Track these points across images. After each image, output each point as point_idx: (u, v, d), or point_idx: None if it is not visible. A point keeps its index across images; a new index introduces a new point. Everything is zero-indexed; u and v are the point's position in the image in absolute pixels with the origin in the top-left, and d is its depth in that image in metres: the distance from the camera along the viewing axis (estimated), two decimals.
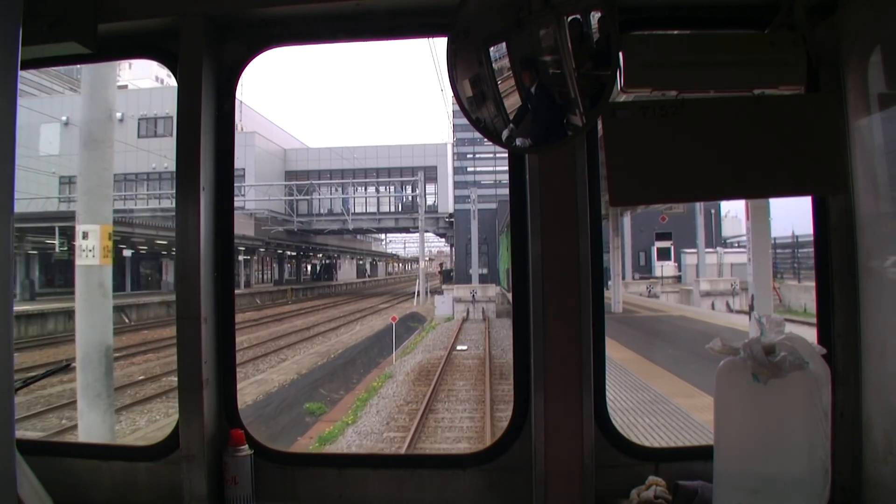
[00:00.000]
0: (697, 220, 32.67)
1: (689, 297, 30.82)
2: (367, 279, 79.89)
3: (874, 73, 2.09)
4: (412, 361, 19.26)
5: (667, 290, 34.15)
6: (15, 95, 1.51)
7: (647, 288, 34.07)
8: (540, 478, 2.20)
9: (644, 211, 28.54)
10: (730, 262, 36.03)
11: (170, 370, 15.73)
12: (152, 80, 43.68)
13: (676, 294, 33.40)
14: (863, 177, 2.12)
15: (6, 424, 1.45)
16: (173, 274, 37.58)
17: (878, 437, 2.09)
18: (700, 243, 32.87)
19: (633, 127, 2.02)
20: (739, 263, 35.14)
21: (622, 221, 31.44)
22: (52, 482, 2.08)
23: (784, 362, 1.81)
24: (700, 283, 30.70)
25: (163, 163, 42.79)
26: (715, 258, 36.30)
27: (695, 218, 32.84)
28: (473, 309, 31.75)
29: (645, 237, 39.25)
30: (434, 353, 20.84)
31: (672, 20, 2.29)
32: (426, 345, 23.11)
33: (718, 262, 36.37)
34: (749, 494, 1.89)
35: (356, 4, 2.24)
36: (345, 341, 23.46)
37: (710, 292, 29.92)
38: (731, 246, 41.45)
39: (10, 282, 1.52)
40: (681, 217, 33.95)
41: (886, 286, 2.09)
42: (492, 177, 45.70)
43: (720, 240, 40.65)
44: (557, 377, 2.18)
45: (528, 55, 1.95)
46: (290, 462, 2.43)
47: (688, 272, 35.56)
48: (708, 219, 34.81)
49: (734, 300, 29.07)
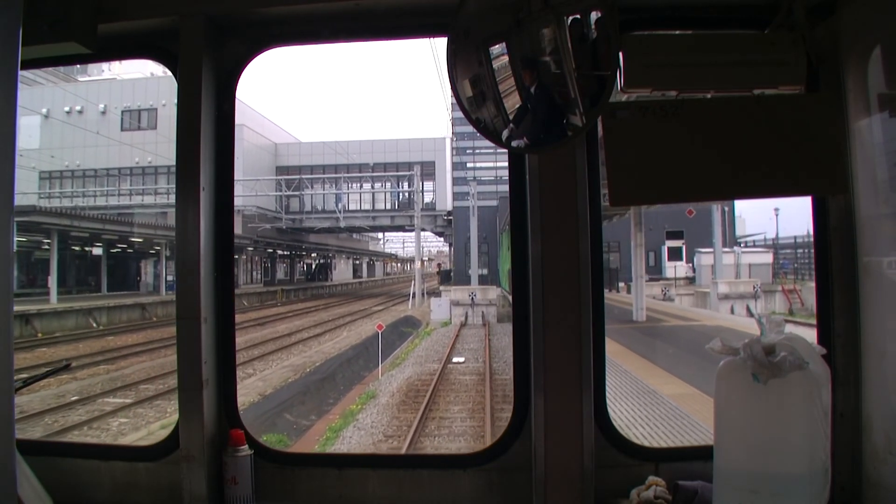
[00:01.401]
0: (714, 218, 31.79)
1: (706, 300, 29.55)
2: (363, 280, 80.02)
3: (874, 73, 2.18)
4: (401, 377, 17.61)
5: (680, 293, 33.18)
6: (15, 95, 1.60)
7: (662, 290, 33.02)
8: (540, 478, 2.29)
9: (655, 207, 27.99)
10: (748, 263, 35.25)
11: (121, 385, 15.14)
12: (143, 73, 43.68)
13: (691, 297, 32.44)
14: (863, 177, 2.22)
15: (6, 424, 1.54)
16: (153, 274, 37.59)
17: (878, 437, 2.19)
18: (717, 242, 31.98)
19: (633, 127, 2.11)
20: (758, 264, 34.44)
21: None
22: (52, 482, 2.19)
23: (784, 362, 1.88)
24: (718, 284, 29.35)
25: (146, 157, 42.76)
26: (732, 258, 35.20)
27: (710, 215, 31.95)
28: (472, 313, 31.01)
29: (654, 236, 38.07)
30: (426, 366, 19.17)
31: (672, 20, 2.39)
32: (418, 355, 21.42)
33: (736, 262, 35.30)
34: (749, 494, 1.95)
35: (356, 4, 2.34)
36: (326, 351, 21.66)
37: (729, 295, 28.51)
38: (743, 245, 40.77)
39: (11, 282, 1.61)
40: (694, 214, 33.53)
41: (886, 286, 2.18)
42: (492, 173, 45.52)
43: (733, 239, 39.79)
44: (557, 377, 2.27)
45: (528, 55, 2.04)
46: (290, 462, 2.53)
47: (703, 273, 34.55)
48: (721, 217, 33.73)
49: (756, 304, 27.74)
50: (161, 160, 42.44)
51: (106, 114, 42.88)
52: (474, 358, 20.48)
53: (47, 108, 39.97)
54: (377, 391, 15.81)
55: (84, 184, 44.15)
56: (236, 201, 21.80)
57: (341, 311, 36.96)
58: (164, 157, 41.59)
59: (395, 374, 18.19)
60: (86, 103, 41.35)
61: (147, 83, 42.43)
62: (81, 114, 41.73)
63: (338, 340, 24.33)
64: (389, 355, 21.30)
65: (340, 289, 62.74)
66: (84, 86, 41.81)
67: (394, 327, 28.64)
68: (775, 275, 35.29)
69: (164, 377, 16.01)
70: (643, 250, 26.04)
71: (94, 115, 42.15)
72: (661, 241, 40.01)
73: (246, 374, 17.23)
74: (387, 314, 35.45)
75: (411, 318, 33.41)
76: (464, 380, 16.97)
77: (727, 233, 37.34)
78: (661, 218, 36.61)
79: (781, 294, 30.21)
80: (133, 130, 42.71)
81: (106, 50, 2.37)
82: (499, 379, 16.29)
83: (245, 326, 25.81)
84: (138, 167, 44.22)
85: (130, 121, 43.58)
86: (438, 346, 22.99)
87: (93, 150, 41.60)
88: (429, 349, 22.62)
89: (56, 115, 40.58)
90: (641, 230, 25.59)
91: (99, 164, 43.32)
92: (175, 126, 2.39)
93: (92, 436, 11.57)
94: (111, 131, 41.73)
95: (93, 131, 39.36)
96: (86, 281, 37.19)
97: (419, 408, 13.56)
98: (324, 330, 27.21)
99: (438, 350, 22.12)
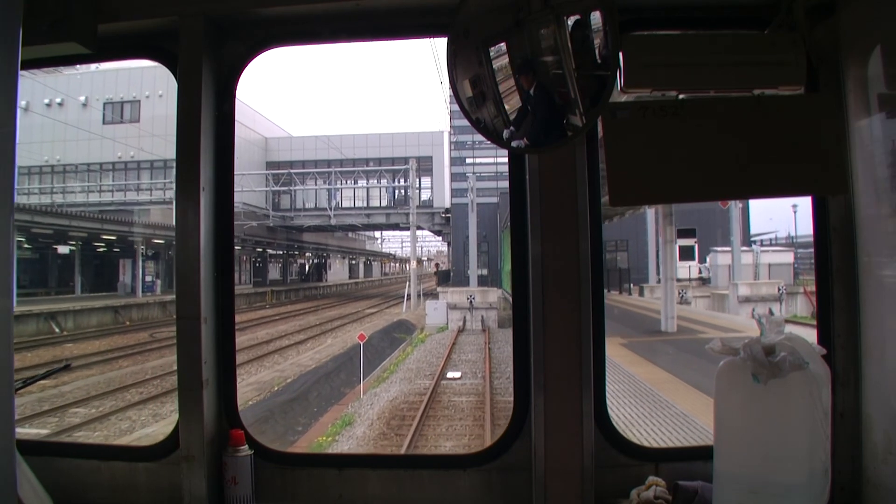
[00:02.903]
0: (732, 214, 30.74)
1: (723, 303, 28.36)
2: (360, 280, 79.84)
3: (874, 73, 2.27)
4: (385, 396, 15.83)
5: (695, 295, 31.74)
6: (15, 95, 1.67)
7: (679, 293, 30.47)
8: (540, 478, 2.40)
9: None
10: (767, 263, 34.55)
11: (49, 408, 13.58)
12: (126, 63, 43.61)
13: (706, 299, 31.25)
14: (863, 177, 2.32)
15: (6, 424, 1.60)
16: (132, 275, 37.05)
17: (878, 438, 2.29)
18: (735, 240, 30.84)
19: (633, 127, 2.21)
20: (779, 264, 33.47)
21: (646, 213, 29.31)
22: (52, 482, 2.30)
23: (784, 362, 1.96)
24: (738, 286, 27.94)
25: (129, 151, 42.71)
26: (750, 258, 34.21)
27: (729, 212, 30.87)
28: (471, 317, 30.38)
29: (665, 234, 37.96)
30: (416, 382, 17.41)
31: (672, 20, 2.50)
32: (408, 368, 19.65)
33: (754, 261, 34.45)
34: (749, 494, 2.05)
35: (356, 4, 2.45)
36: (303, 363, 19.85)
37: (751, 297, 27.07)
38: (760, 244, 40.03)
39: (11, 282, 1.69)
40: (706, 211, 32.78)
41: (886, 286, 2.28)
42: (492, 168, 45.39)
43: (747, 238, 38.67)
44: (557, 377, 2.38)
45: (527, 55, 2.12)
46: (290, 462, 2.65)
47: (718, 274, 33.61)
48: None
49: (781, 307, 27.06)
50: (144, 155, 42.39)
51: (87, 106, 42.87)
52: (472, 372, 18.79)
53: (27, 100, 39.87)
54: (354, 416, 14.25)
55: (64, 179, 44.12)
56: None
57: (331, 314, 36.36)
58: (148, 152, 41.55)
59: (380, 392, 16.54)
60: (66, 96, 41.32)
61: (130, 74, 42.36)
62: (62, 106, 41.70)
63: (319, 350, 22.75)
64: (377, 366, 20.25)
65: (335, 290, 62.55)
66: (65, 77, 41.73)
67: (385, 333, 27.79)
68: (796, 275, 34.77)
69: (112, 395, 14.65)
70: (674, 247, 23.96)
71: (75, 108, 42.11)
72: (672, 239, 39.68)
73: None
74: (379, 318, 34.60)
75: (405, 323, 32.55)
76: (459, 403, 15.15)
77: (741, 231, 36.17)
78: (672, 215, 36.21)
79: (804, 296, 29.43)
80: (116, 124, 42.70)
81: (106, 50, 2.47)
82: (501, 402, 14.61)
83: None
84: (121, 162, 44.21)
85: (113, 114, 43.54)
86: (432, 357, 21.59)
87: (73, 145, 41.56)
88: (421, 360, 21.13)
89: (35, 108, 40.50)
90: (672, 223, 23.79)
91: (80, 159, 43.30)
92: (175, 126, 2.49)
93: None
94: (92, 124, 41.71)
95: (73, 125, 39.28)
96: (60, 281, 36.42)
97: (403, 441, 12.21)
98: (307, 336, 26.03)
99: (432, 361, 20.71)
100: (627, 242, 39.76)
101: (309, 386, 16.94)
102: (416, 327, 31.16)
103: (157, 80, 40.53)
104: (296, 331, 27.61)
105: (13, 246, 1.70)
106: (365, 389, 16.54)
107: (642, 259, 36.85)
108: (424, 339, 26.93)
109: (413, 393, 16.01)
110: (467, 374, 18.38)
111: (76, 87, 41.99)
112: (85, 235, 34.06)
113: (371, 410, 14.59)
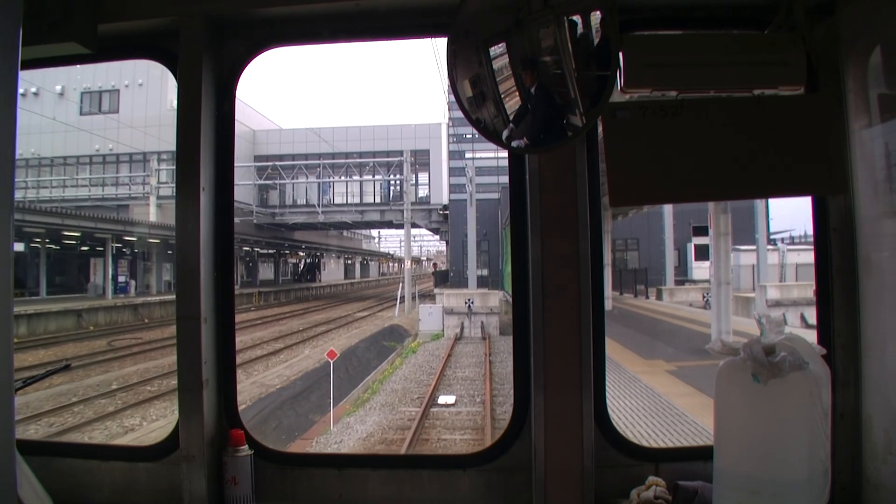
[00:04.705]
0: (757, 209, 30.12)
1: (748, 307, 26.48)
2: (355, 280, 79.90)
3: (874, 73, 2.40)
4: (361, 429, 13.53)
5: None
6: (15, 95, 1.77)
7: (703, 296, 30.22)
8: (540, 478, 2.53)
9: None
10: (794, 263, 33.74)
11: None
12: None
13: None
14: (863, 177, 2.44)
15: (6, 424, 1.67)
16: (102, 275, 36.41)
17: (878, 438, 2.41)
18: (760, 238, 29.99)
19: (633, 127, 2.32)
20: (806, 264, 31.12)
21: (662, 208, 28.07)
22: (52, 482, 2.43)
23: (784, 363, 2.04)
24: (767, 289, 26.59)
25: (107, 144, 42.63)
26: (776, 257, 33.39)
27: (753, 207, 30.11)
28: (470, 323, 29.51)
29: (679, 232, 37.13)
30: (400, 410, 15.06)
31: (672, 20, 2.62)
32: (393, 389, 17.49)
33: (780, 261, 33.81)
34: (749, 495, 2.14)
35: (356, 4, 2.58)
36: (268, 382, 17.69)
37: (781, 301, 25.61)
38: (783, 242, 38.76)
39: (10, 282, 1.78)
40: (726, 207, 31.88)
41: (886, 286, 2.40)
42: (493, 163, 45.46)
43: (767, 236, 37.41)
44: (557, 377, 2.51)
45: (527, 55, 2.24)
46: (290, 462, 2.79)
47: (741, 274, 32.38)
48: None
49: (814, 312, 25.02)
50: (123, 147, 42.28)
51: (63, 95, 42.82)
52: (469, 395, 16.45)
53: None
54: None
55: (39, 173, 44.02)
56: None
57: (318, 317, 35.47)
58: (126, 145, 41.45)
59: (354, 422, 14.18)
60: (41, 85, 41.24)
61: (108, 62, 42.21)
62: (37, 96, 41.64)
63: (291, 363, 20.60)
64: (359, 383, 18.48)
65: (328, 291, 62.42)
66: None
67: (373, 342, 26.69)
68: None
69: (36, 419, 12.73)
70: (728, 241, 20.75)
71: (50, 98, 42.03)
72: (687, 238, 38.90)
73: (126, 428, 12.85)
74: (369, 323, 33.46)
75: (397, 329, 31.46)
76: (451, 443, 12.63)
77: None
78: (686, 212, 35.64)
79: None
80: (94, 114, 42.63)
81: (106, 50, 2.60)
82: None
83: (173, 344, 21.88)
84: (98, 155, 44.12)
85: (90, 104, 43.45)
86: (422, 373, 19.60)
87: (49, 137, 41.47)
88: (409, 378, 19.07)
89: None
90: (727, 211, 20.58)
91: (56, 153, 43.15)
92: (175, 126, 2.62)
93: None
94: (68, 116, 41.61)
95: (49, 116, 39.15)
96: (22, 283, 33.96)
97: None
98: (282, 346, 24.13)
99: (422, 379, 18.76)
100: (638, 241, 39.38)
101: (267, 414, 14.93)
102: (409, 333, 30.20)
103: (137, 67, 40.45)
104: (272, 338, 26.05)
105: (13, 246, 1.79)
106: (337, 417, 14.53)
107: (657, 258, 36.50)
108: (416, 348, 25.50)
109: (395, 425, 13.83)
110: (463, 397, 16.36)
111: (52, 75, 41.85)
112: (44, 232, 32.17)
113: (341, 448, 12.47)
